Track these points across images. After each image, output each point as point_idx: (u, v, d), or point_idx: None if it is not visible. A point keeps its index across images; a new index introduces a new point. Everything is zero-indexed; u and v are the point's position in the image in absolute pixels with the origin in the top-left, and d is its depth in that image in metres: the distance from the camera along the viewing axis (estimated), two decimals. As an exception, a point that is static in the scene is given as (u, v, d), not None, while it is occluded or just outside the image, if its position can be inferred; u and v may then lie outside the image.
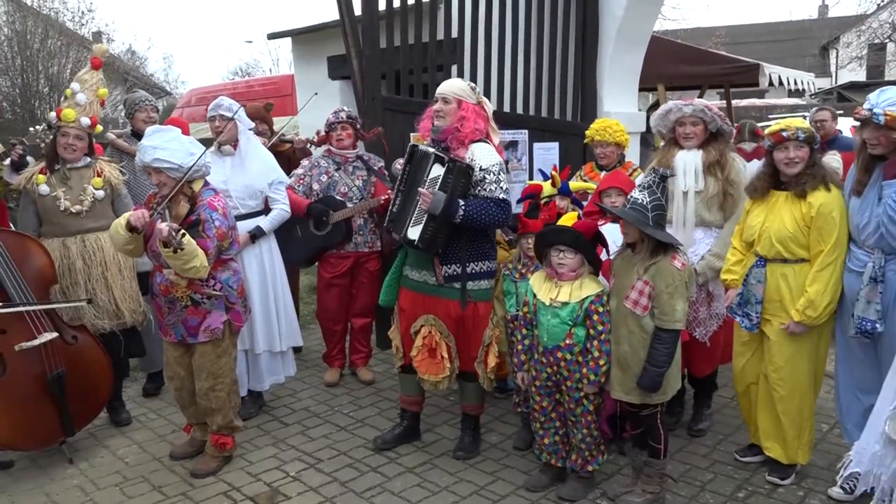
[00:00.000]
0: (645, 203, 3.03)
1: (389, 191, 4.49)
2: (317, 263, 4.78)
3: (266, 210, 4.20)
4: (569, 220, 3.39)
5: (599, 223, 3.45)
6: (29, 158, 4.04)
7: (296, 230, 4.49)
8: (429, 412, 4.17)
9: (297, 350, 5.04)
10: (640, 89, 6.66)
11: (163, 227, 3.05)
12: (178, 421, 4.17)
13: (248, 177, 4.06)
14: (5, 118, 10.43)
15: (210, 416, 3.60)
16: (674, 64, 7.60)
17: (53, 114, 3.89)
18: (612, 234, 3.40)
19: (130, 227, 3.25)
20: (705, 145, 3.65)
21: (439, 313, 3.49)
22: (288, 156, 5.03)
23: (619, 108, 5.95)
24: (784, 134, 3.16)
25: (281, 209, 4.20)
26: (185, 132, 3.56)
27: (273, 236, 4.23)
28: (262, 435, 4.05)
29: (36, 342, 3.51)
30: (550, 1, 5.76)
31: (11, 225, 4.82)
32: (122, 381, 4.41)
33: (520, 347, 3.37)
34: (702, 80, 8.36)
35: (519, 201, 3.83)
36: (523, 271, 3.57)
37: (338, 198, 4.55)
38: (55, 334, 3.60)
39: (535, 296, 3.25)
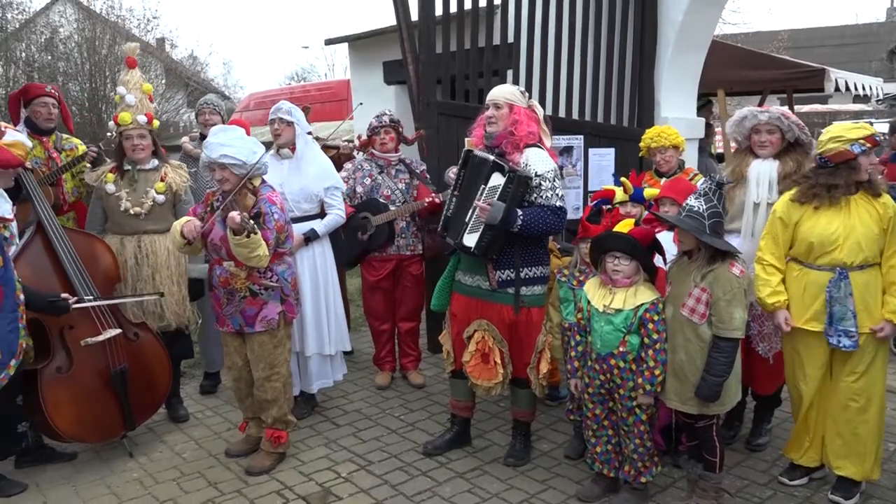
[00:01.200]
0: (701, 210, 2.98)
1: (433, 193, 4.52)
2: (359, 266, 4.82)
3: (321, 214, 4.25)
4: (625, 226, 3.34)
5: (657, 230, 3.39)
6: (107, 160, 4.17)
7: (339, 232, 4.53)
8: (479, 417, 4.15)
9: (348, 353, 5.10)
10: (700, 94, 6.52)
11: (234, 215, 3.18)
12: (233, 419, 4.26)
13: (304, 180, 4.12)
14: (74, 121, 10.83)
15: (266, 409, 3.67)
16: (735, 69, 7.41)
17: (112, 123, 4.01)
18: (667, 242, 3.34)
19: (182, 235, 3.42)
20: (782, 155, 3.51)
21: (492, 318, 3.48)
22: (333, 161, 5.09)
23: (678, 114, 5.85)
24: (877, 138, 3.07)
25: (336, 214, 4.25)
26: (248, 132, 3.67)
27: (327, 240, 4.28)
28: (314, 435, 4.10)
29: (101, 338, 3.63)
30: (608, 5, 5.70)
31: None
32: (180, 378, 4.52)
33: (573, 354, 3.34)
34: (763, 86, 8.14)
35: (592, 204, 3.80)
36: (581, 278, 3.54)
37: (381, 200, 4.59)
38: (119, 330, 3.72)
39: (588, 302, 3.22)
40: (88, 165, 4.16)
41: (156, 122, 4.07)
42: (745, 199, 3.52)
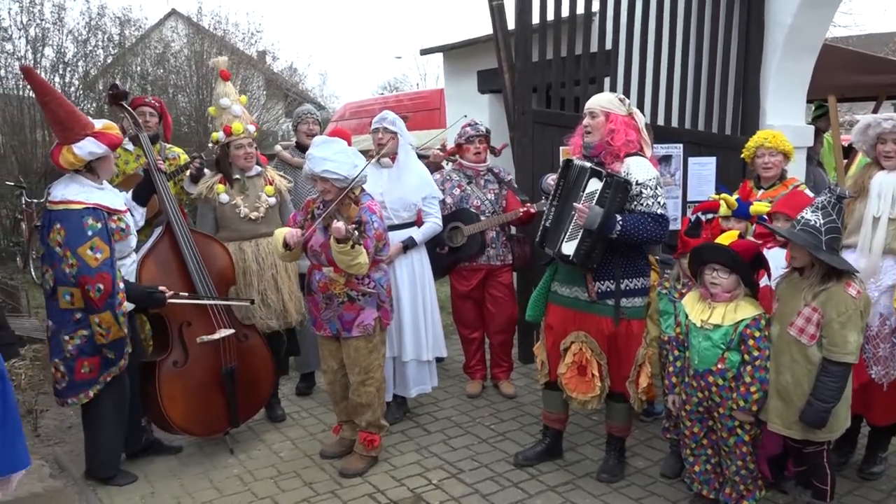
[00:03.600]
0: (818, 225, 2.82)
1: (526, 204, 4.49)
2: (448, 275, 4.84)
3: (418, 222, 4.30)
4: (727, 238, 3.21)
5: (767, 246, 3.24)
6: (206, 171, 4.37)
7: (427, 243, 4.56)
8: (571, 430, 4.09)
9: (439, 360, 5.13)
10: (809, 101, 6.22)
11: (340, 226, 3.27)
12: (328, 420, 4.36)
13: (404, 190, 4.18)
14: (182, 131, 11.40)
15: (360, 413, 3.74)
16: (847, 73, 7.00)
17: (220, 133, 4.15)
18: (776, 260, 3.18)
19: (285, 244, 3.52)
20: None
21: (591, 330, 3.42)
22: None
23: (785, 121, 5.58)
24: None
25: (434, 223, 4.30)
26: (349, 143, 3.75)
27: (424, 248, 4.33)
28: (405, 441, 4.14)
29: (215, 336, 3.80)
30: (711, 9, 5.53)
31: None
32: (280, 378, 4.66)
33: (671, 369, 3.24)
34: (878, 91, 7.67)
35: (690, 216, 3.69)
36: (683, 291, 3.43)
37: (472, 211, 4.59)
38: (232, 330, 3.89)
39: (687, 316, 3.12)
40: (187, 175, 4.35)
41: (257, 132, 4.26)
42: (864, 212, 3.32)
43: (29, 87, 3.41)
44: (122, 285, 3.47)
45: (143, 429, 3.94)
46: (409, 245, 4.18)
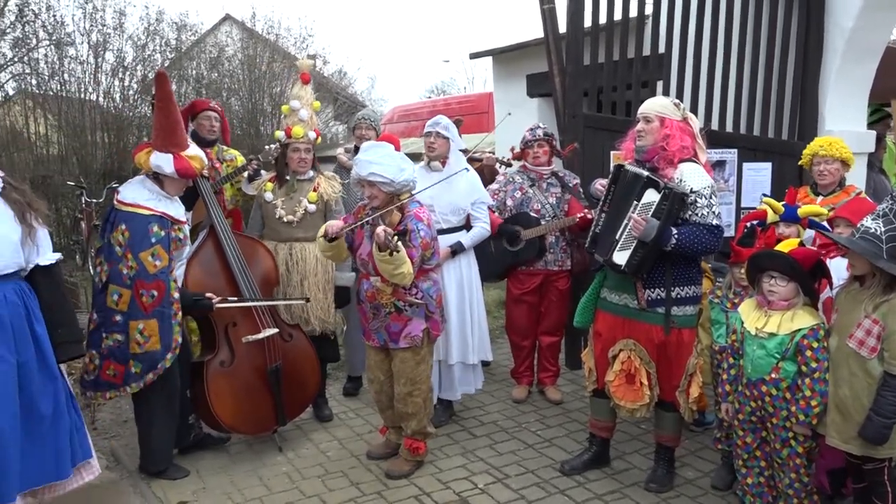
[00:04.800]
0: (878, 233, 2.72)
1: (585, 209, 4.44)
2: (506, 279, 4.82)
3: (467, 225, 4.31)
4: (787, 246, 3.13)
5: (830, 256, 3.14)
6: (262, 172, 4.46)
7: (489, 245, 4.55)
8: (619, 438, 4.04)
9: (485, 364, 5.13)
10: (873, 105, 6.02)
11: (380, 231, 3.24)
12: (374, 421, 4.39)
13: (453, 195, 4.18)
14: (234, 134, 11.62)
15: (406, 420, 3.75)
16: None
17: (282, 132, 4.22)
18: (838, 270, 3.09)
19: (325, 234, 3.50)
20: None
21: (640, 338, 3.38)
22: (477, 173, 5.11)
23: (844, 126, 5.43)
24: None
25: (482, 227, 4.29)
26: (397, 148, 3.76)
27: (472, 252, 4.33)
28: (451, 444, 4.15)
29: (260, 336, 3.87)
30: (768, 13, 5.41)
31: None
32: (325, 380, 4.72)
33: (725, 377, 3.18)
34: (945, 95, 7.39)
35: (744, 225, 3.61)
36: (735, 301, 3.36)
37: (532, 214, 4.57)
38: (276, 330, 3.95)
39: (742, 323, 3.05)
40: (245, 176, 4.43)
41: (319, 139, 4.29)
42: None
43: (154, 89, 3.57)
44: (177, 295, 3.56)
45: (192, 426, 4.02)
46: (457, 250, 4.18)
